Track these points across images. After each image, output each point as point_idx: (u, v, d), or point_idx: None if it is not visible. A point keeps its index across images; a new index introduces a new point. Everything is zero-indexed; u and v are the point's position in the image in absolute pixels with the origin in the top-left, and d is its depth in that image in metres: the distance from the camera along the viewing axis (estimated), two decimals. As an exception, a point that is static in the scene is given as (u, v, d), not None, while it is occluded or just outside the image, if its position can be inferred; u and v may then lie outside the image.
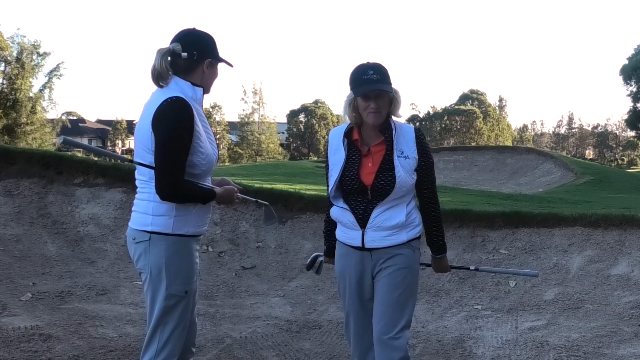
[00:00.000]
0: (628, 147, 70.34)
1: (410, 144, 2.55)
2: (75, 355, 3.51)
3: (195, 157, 2.30)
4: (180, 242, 2.35)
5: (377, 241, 2.57)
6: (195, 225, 2.39)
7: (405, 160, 2.53)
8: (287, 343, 4.09)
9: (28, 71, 33.15)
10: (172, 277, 2.33)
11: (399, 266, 2.56)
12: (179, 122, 2.24)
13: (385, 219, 2.54)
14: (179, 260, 2.35)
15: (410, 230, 2.58)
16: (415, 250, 2.62)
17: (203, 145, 2.33)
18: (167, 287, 2.33)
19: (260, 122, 53.45)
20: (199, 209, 2.39)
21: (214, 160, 2.42)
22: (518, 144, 61.92)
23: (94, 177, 6.40)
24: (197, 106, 2.35)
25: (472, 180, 19.07)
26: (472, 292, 5.35)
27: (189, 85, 2.36)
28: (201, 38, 2.40)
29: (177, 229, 2.34)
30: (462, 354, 4.00)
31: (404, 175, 2.50)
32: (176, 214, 2.33)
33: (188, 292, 2.37)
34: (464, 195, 9.48)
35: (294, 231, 6.37)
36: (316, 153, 59.59)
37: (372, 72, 2.47)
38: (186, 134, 2.26)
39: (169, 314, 2.35)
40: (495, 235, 6.17)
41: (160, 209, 2.34)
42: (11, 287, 4.64)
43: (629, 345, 4.06)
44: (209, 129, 2.43)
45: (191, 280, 2.39)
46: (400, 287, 2.55)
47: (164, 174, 2.26)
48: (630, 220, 5.88)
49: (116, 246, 5.75)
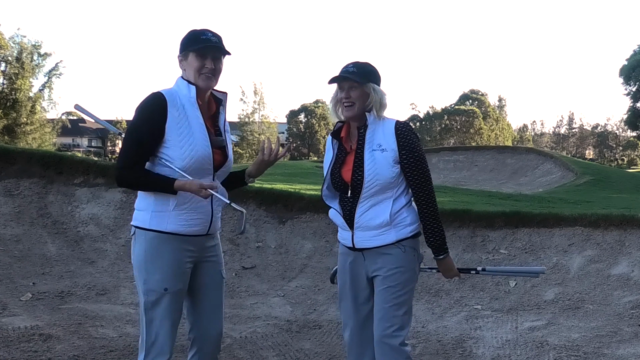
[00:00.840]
0: (628, 147, 70.39)
1: (388, 137, 2.50)
2: (75, 355, 3.51)
3: (171, 151, 2.30)
4: (160, 239, 2.34)
5: (365, 241, 2.56)
6: (176, 224, 2.34)
7: (382, 153, 2.48)
8: (287, 343, 4.09)
9: (28, 71, 33.17)
10: (150, 273, 2.34)
11: (389, 267, 2.52)
12: (139, 114, 2.32)
13: (370, 218, 2.52)
14: (158, 257, 2.34)
15: (400, 229, 2.52)
16: (408, 250, 2.54)
17: (182, 140, 2.30)
18: (145, 282, 2.34)
19: (261, 122, 53.45)
20: (179, 206, 2.34)
21: (203, 157, 2.35)
22: (518, 144, 61.95)
23: (94, 177, 6.40)
24: (188, 104, 2.36)
25: (472, 180, 19.05)
26: (472, 292, 5.35)
27: (185, 84, 2.39)
28: (182, 38, 2.42)
29: (154, 225, 2.34)
30: (462, 354, 4.00)
31: (379, 168, 2.46)
32: (154, 209, 2.35)
33: (168, 289, 2.33)
34: (464, 195, 9.48)
35: (294, 231, 6.37)
36: (316, 153, 59.59)
37: (351, 66, 2.52)
38: (146, 125, 2.30)
39: (152, 311, 2.34)
40: (495, 235, 6.17)
41: (141, 203, 2.40)
42: (11, 287, 4.64)
43: (629, 345, 4.06)
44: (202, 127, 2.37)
45: (174, 278, 2.34)
46: (393, 289, 2.51)
47: (118, 159, 2.38)
48: (630, 220, 5.89)
49: (116, 246, 5.75)
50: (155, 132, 2.29)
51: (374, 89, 2.51)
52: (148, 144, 2.31)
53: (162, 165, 2.34)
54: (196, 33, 2.39)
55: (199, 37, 2.37)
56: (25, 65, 32.91)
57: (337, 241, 2.87)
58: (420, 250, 2.64)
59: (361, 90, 2.50)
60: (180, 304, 2.41)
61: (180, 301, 2.41)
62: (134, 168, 2.32)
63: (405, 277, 2.54)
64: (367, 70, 2.53)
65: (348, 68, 2.52)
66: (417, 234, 2.59)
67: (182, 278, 2.38)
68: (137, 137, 2.31)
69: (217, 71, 2.40)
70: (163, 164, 2.33)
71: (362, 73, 2.50)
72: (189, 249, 2.40)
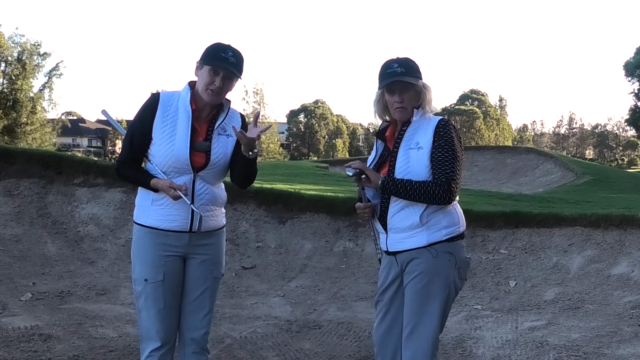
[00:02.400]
0: (628, 147, 70.45)
1: (428, 134, 2.36)
2: (75, 355, 3.51)
3: (154, 149, 2.45)
4: (142, 231, 2.50)
5: (397, 244, 2.44)
6: (155, 218, 2.47)
7: (419, 151, 2.35)
8: (287, 343, 4.08)
9: (29, 71, 33.17)
10: (134, 263, 2.52)
11: (416, 272, 2.39)
12: (137, 112, 2.51)
13: (400, 219, 2.40)
14: (140, 248, 2.51)
15: (434, 232, 2.36)
16: (441, 255, 2.37)
17: (163, 140, 2.43)
18: (132, 272, 2.54)
19: (261, 122, 53.47)
20: (156, 202, 2.47)
21: (179, 158, 2.41)
22: (518, 144, 61.93)
23: (94, 177, 6.40)
24: (182, 106, 2.47)
25: (472, 180, 19.02)
26: (472, 292, 5.35)
27: (187, 87, 2.52)
28: (205, 49, 2.50)
29: (138, 218, 2.53)
30: (462, 354, 4.00)
31: (412, 168, 2.33)
32: (138, 203, 2.55)
33: (148, 280, 2.45)
34: (464, 195, 9.45)
35: (294, 231, 6.36)
36: (316, 153, 59.59)
37: (396, 65, 2.40)
38: (136, 123, 2.49)
39: (140, 300, 2.50)
40: (495, 235, 6.17)
41: (136, 198, 2.58)
42: (11, 287, 4.63)
43: (629, 345, 4.06)
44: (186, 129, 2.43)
45: (153, 269, 2.46)
46: (418, 295, 2.38)
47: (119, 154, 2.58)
48: (630, 220, 5.88)
49: (116, 246, 5.74)
50: (142, 130, 2.46)
51: (424, 86, 2.42)
52: (137, 141, 2.47)
53: (149, 162, 2.49)
54: (218, 49, 2.44)
55: (219, 53, 2.42)
56: (26, 65, 32.91)
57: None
58: (463, 254, 2.46)
59: (413, 90, 2.41)
60: (164, 294, 2.48)
61: (163, 291, 2.48)
62: (126, 163, 2.51)
63: (435, 286, 2.38)
64: (414, 67, 2.42)
65: (395, 69, 2.38)
66: (454, 238, 2.41)
67: (161, 270, 2.47)
68: (130, 134, 2.50)
69: (225, 90, 2.47)
70: (150, 161, 2.49)
71: (411, 72, 2.39)
72: (170, 243, 2.49)
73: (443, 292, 2.39)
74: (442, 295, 2.39)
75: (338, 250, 6.10)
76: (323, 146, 61.63)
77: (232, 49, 2.44)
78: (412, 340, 2.39)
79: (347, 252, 6.07)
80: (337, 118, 65.63)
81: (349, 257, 6.01)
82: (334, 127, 63.91)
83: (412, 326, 2.39)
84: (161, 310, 2.47)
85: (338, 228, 6.31)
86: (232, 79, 2.46)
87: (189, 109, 2.46)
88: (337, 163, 22.24)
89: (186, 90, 2.49)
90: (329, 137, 63.07)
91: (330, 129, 63.63)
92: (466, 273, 2.53)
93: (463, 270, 2.48)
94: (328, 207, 6.48)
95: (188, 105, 2.46)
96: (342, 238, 6.23)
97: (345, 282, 5.57)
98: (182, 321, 2.55)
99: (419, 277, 2.39)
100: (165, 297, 2.48)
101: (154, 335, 2.48)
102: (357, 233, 6.20)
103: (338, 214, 6.35)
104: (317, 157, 53.94)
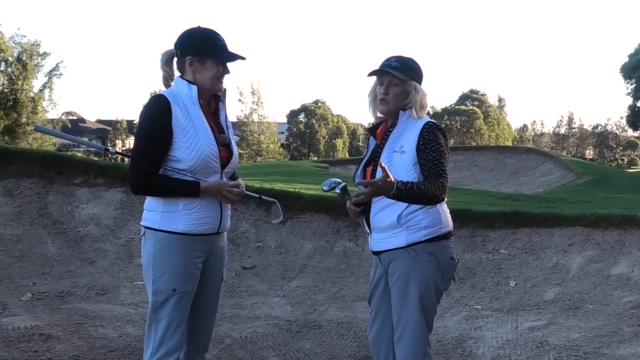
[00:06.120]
0: (628, 147, 70.41)
1: (412, 137, 2.33)
2: (75, 355, 3.51)
3: (178, 152, 2.30)
4: (169, 239, 2.34)
5: (378, 244, 2.44)
6: (186, 223, 2.34)
7: (401, 155, 2.33)
8: (287, 343, 4.08)
9: (30, 72, 33.14)
10: (158, 273, 2.34)
11: (396, 274, 2.40)
12: (147, 117, 2.31)
13: (381, 219, 2.39)
14: (167, 257, 2.33)
15: (413, 232, 2.35)
16: (420, 255, 2.35)
17: (187, 140, 2.30)
18: (154, 283, 2.35)
19: (260, 122, 53.40)
20: (187, 206, 2.34)
21: (210, 155, 2.34)
22: (518, 144, 61.90)
23: (94, 177, 6.40)
24: (190, 103, 2.35)
25: (472, 180, 19.05)
26: (472, 292, 5.35)
27: (186, 84, 2.37)
28: (186, 37, 2.39)
29: (164, 225, 2.34)
30: (462, 354, 4.00)
31: (392, 171, 2.23)
32: (163, 210, 2.35)
33: (177, 290, 2.33)
34: (464, 195, 9.47)
35: (294, 231, 6.36)
36: (316, 153, 59.57)
37: (395, 59, 2.38)
38: (155, 128, 2.28)
39: (160, 311, 2.34)
40: (495, 235, 6.17)
41: (150, 204, 2.40)
42: (11, 287, 4.63)
43: (629, 345, 4.06)
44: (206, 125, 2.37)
45: (183, 278, 2.34)
46: (399, 297, 2.39)
47: (131, 165, 2.33)
48: (630, 220, 5.88)
49: (116, 246, 5.75)
50: (163, 135, 2.28)
51: (414, 87, 2.37)
52: (161, 148, 2.29)
53: (167, 169, 2.32)
54: (211, 38, 2.37)
55: (216, 43, 2.37)
56: (27, 66, 32.87)
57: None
58: (448, 255, 2.43)
59: (401, 87, 2.37)
60: (188, 304, 2.40)
61: (188, 301, 2.40)
62: (153, 175, 2.30)
63: (412, 287, 2.36)
64: (410, 66, 2.39)
65: (390, 62, 2.37)
66: (436, 238, 2.39)
67: (191, 279, 2.38)
68: (149, 142, 2.29)
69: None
70: (169, 167, 2.33)
71: (405, 69, 2.35)
72: (200, 248, 2.40)
73: (420, 292, 2.36)
74: (419, 296, 2.37)
75: (338, 250, 6.10)
76: (323, 146, 61.56)
77: (219, 34, 2.40)
78: (400, 344, 2.41)
79: (347, 252, 6.07)
80: (337, 118, 65.55)
81: (349, 257, 6.01)
82: (334, 127, 63.89)
83: (400, 329, 2.41)
84: (185, 320, 2.39)
85: (338, 228, 6.31)
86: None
87: (198, 105, 2.37)
88: (337, 163, 22.27)
89: (186, 86, 2.37)
90: (329, 137, 63.03)
91: (331, 129, 63.61)
92: (451, 274, 2.48)
93: (447, 271, 2.43)
94: (328, 207, 6.47)
95: (197, 101, 2.37)
96: (342, 238, 6.23)
97: (345, 282, 5.57)
98: (198, 319, 2.51)
99: (399, 279, 2.39)
100: (188, 307, 2.41)
101: (176, 347, 2.35)
102: (357, 233, 6.20)
103: (338, 214, 6.35)
104: (317, 157, 53.90)
